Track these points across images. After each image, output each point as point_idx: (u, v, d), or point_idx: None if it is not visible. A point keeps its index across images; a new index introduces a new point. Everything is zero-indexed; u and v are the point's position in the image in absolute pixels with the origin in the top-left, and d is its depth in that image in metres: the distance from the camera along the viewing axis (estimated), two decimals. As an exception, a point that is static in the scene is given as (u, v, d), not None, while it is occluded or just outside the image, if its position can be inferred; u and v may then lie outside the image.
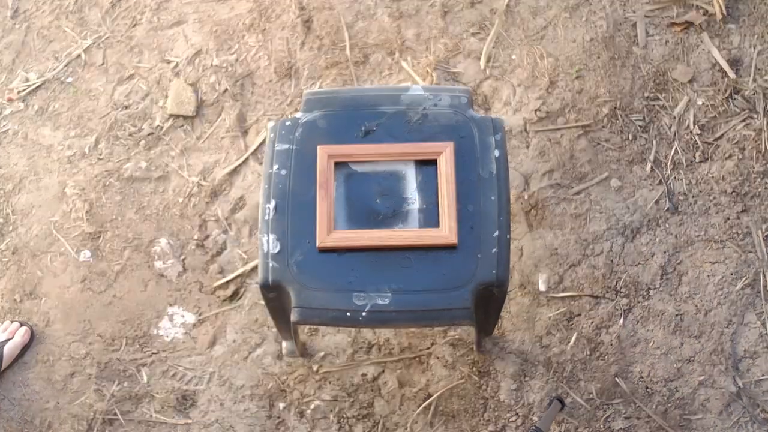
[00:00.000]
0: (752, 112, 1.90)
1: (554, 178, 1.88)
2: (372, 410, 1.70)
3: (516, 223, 1.84)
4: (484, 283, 1.27)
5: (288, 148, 1.35)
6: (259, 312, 1.81)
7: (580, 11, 2.06)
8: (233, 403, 1.73)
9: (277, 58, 2.06)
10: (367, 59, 2.05)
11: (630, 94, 1.95)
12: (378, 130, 1.37)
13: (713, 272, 1.77)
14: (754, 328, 1.71)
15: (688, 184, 1.85)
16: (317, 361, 1.75)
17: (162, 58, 2.10)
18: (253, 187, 1.93)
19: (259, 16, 2.12)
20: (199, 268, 1.86)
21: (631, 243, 1.81)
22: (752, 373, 1.68)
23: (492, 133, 1.35)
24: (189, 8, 2.16)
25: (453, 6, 2.10)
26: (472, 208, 1.30)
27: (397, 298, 1.26)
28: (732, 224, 1.80)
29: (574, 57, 2.01)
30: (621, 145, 1.90)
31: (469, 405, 1.69)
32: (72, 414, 1.74)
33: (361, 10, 2.11)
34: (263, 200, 1.32)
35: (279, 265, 1.28)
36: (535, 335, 1.74)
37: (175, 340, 1.79)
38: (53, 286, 1.86)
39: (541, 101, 1.96)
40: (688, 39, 2.00)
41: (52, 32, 2.16)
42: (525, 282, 1.79)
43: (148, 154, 1.99)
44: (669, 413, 1.66)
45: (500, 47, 2.04)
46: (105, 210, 1.93)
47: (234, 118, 2.01)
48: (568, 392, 1.69)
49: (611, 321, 1.74)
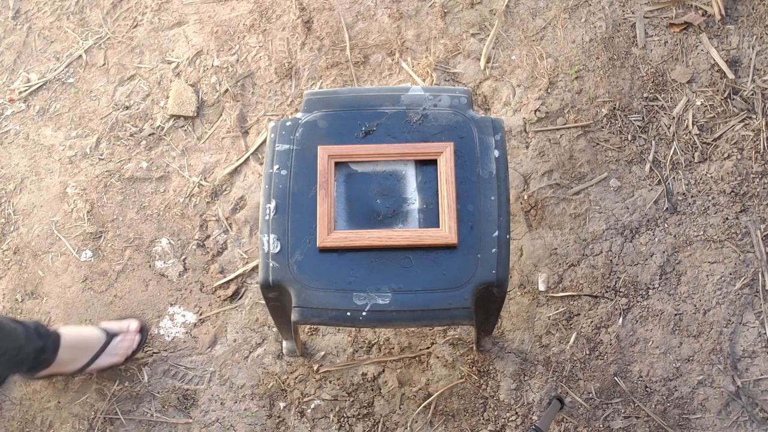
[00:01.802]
0: (751, 113, 1.90)
1: (554, 178, 1.89)
2: (372, 409, 1.71)
3: (516, 223, 1.85)
4: (483, 282, 1.27)
5: (288, 148, 1.36)
6: (260, 312, 1.81)
7: (580, 12, 2.07)
8: (234, 402, 1.73)
9: (278, 59, 2.07)
10: (368, 60, 2.06)
11: (629, 94, 1.96)
12: (378, 130, 1.37)
13: (712, 272, 1.77)
14: (752, 328, 1.72)
15: (687, 184, 1.86)
16: (317, 361, 1.75)
17: (163, 59, 2.10)
18: (254, 187, 1.93)
19: (259, 17, 2.13)
20: (199, 267, 1.86)
21: (630, 243, 1.81)
22: (751, 372, 1.68)
23: (492, 134, 1.36)
24: (190, 9, 2.16)
25: (453, 7, 2.10)
26: (471, 208, 1.30)
27: (397, 297, 1.26)
28: (731, 224, 1.81)
29: (573, 57, 2.01)
30: (620, 146, 1.91)
31: (468, 404, 1.70)
32: (73, 413, 1.74)
33: (361, 10, 2.11)
34: (264, 200, 1.33)
35: (279, 264, 1.28)
36: (535, 335, 1.75)
37: (176, 340, 1.80)
38: (54, 286, 1.87)
39: (541, 102, 1.96)
40: (686, 40, 2.00)
41: (53, 33, 2.17)
42: (524, 282, 1.80)
43: (149, 154, 1.99)
44: (668, 412, 1.66)
45: (500, 48, 2.04)
46: (106, 210, 1.94)
47: (234, 119, 2.01)
48: (568, 391, 1.69)
49: (610, 321, 1.75)
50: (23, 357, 1.52)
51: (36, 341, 1.55)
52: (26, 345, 1.51)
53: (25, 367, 1.58)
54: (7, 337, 1.46)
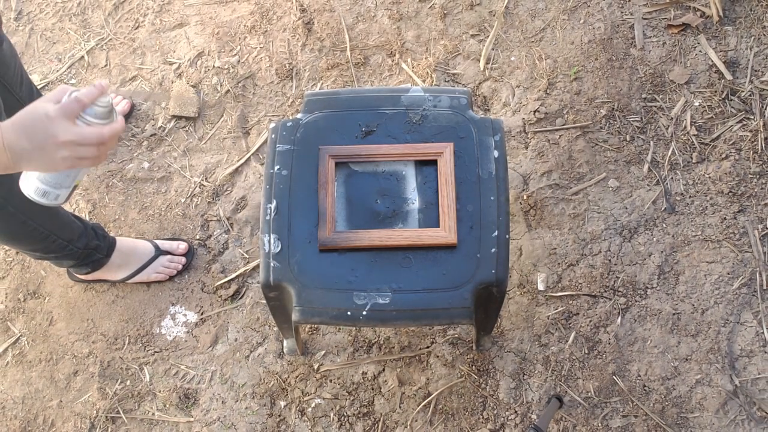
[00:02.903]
0: (748, 114, 1.91)
1: (553, 178, 1.90)
2: (372, 408, 1.71)
3: (515, 223, 1.86)
4: (483, 282, 1.28)
5: (289, 148, 1.36)
6: (261, 311, 1.82)
7: (578, 13, 2.07)
8: (235, 401, 1.74)
9: (279, 60, 2.08)
10: (368, 61, 2.06)
11: (628, 95, 1.97)
12: (378, 130, 1.38)
13: (710, 272, 1.78)
14: (750, 327, 1.72)
15: (685, 184, 1.87)
16: (318, 360, 1.76)
17: (164, 60, 2.11)
18: (255, 187, 1.94)
19: (260, 18, 2.14)
20: (200, 267, 1.87)
21: (629, 243, 1.82)
22: (748, 371, 1.69)
23: (491, 134, 1.36)
24: (191, 10, 2.17)
25: (452, 8, 2.11)
26: (471, 208, 1.31)
27: (398, 297, 1.27)
28: (729, 224, 1.81)
29: (572, 58, 2.02)
30: (619, 146, 1.91)
31: (468, 403, 1.71)
32: (75, 412, 1.75)
33: (361, 12, 2.12)
34: (264, 200, 1.34)
35: (280, 264, 1.29)
36: (534, 334, 1.75)
37: (178, 339, 1.81)
38: (56, 286, 1.88)
39: (540, 102, 1.97)
40: (685, 41, 2.01)
41: (55, 34, 2.18)
42: (524, 281, 1.80)
43: (151, 154, 2.00)
44: (666, 411, 1.67)
45: (499, 49, 2.05)
46: (108, 210, 1.95)
47: (236, 119, 2.02)
48: (567, 390, 1.70)
49: (609, 320, 1.76)
50: (73, 250, 1.60)
51: (93, 239, 1.65)
52: (78, 240, 1.59)
53: (75, 262, 1.66)
54: (61, 227, 1.52)
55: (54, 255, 1.59)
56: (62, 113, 0.93)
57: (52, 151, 0.93)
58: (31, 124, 0.92)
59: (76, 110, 0.94)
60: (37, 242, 1.48)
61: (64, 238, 1.54)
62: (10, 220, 1.36)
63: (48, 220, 1.47)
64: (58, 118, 0.92)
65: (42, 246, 1.51)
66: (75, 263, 1.68)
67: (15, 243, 1.50)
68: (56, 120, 0.92)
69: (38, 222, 1.43)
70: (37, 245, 1.50)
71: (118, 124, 0.99)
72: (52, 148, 0.93)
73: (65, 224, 1.53)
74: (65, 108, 0.93)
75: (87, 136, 0.94)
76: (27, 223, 1.40)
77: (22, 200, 1.10)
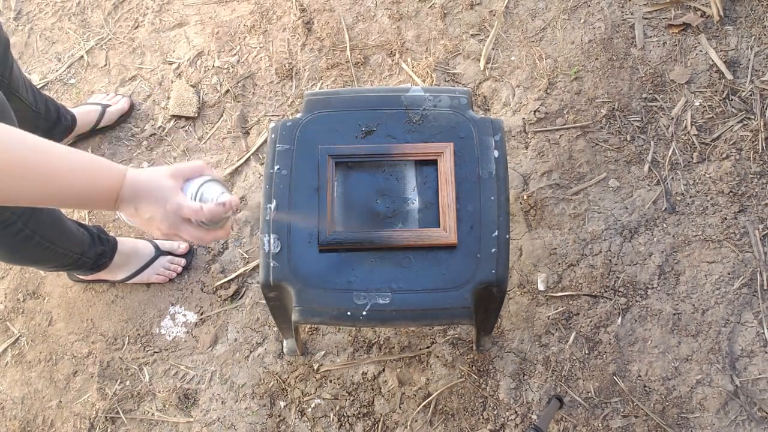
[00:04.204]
0: (749, 113, 1.91)
1: (553, 178, 1.89)
2: (372, 409, 1.71)
3: (515, 223, 1.86)
4: (483, 282, 1.28)
5: (289, 148, 1.36)
6: (260, 311, 1.82)
7: (579, 13, 2.07)
8: (234, 401, 1.74)
9: (278, 60, 2.08)
10: (368, 60, 2.06)
11: (628, 95, 1.96)
12: (378, 130, 1.38)
13: (710, 272, 1.78)
14: (751, 327, 1.72)
15: (685, 184, 1.86)
16: (318, 360, 1.76)
17: (164, 60, 2.11)
18: (255, 187, 1.94)
19: (260, 18, 2.13)
20: (200, 267, 1.87)
21: (629, 243, 1.82)
22: (749, 371, 1.69)
23: (491, 134, 1.36)
24: (191, 10, 2.17)
25: (452, 8, 2.11)
26: (471, 208, 1.31)
27: (397, 297, 1.27)
28: (729, 224, 1.81)
29: (572, 58, 2.02)
30: (619, 146, 1.91)
31: (468, 403, 1.70)
32: (74, 413, 1.75)
33: (361, 11, 2.12)
34: (264, 200, 1.33)
35: (280, 264, 1.29)
36: (534, 334, 1.75)
37: (177, 339, 1.81)
38: (56, 286, 1.87)
39: (540, 102, 1.97)
40: (685, 41, 2.01)
41: (54, 34, 2.17)
42: (524, 281, 1.80)
43: (151, 154, 2.00)
44: (666, 412, 1.67)
45: (499, 48, 2.05)
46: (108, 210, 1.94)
47: (235, 119, 2.02)
48: (567, 391, 1.70)
49: (609, 320, 1.75)
50: (85, 261, 1.64)
51: (98, 246, 1.68)
52: (89, 250, 1.64)
53: (84, 269, 1.71)
54: (74, 243, 1.57)
55: (69, 268, 1.66)
56: (188, 213, 1.03)
57: (154, 227, 1.04)
58: (160, 196, 1.03)
59: (198, 217, 1.03)
60: (56, 260, 1.55)
61: (77, 252, 1.60)
62: (35, 248, 1.45)
63: (65, 239, 1.53)
64: (181, 214, 1.02)
65: (60, 263, 1.58)
66: (85, 271, 1.73)
67: (38, 265, 1.61)
68: (180, 213, 1.02)
69: (58, 244, 1.50)
70: (56, 262, 1.57)
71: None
72: (157, 226, 1.03)
73: (76, 238, 1.59)
74: (193, 211, 1.03)
75: (193, 235, 1.05)
76: (49, 248, 1.48)
77: (42, 227, 1.23)
